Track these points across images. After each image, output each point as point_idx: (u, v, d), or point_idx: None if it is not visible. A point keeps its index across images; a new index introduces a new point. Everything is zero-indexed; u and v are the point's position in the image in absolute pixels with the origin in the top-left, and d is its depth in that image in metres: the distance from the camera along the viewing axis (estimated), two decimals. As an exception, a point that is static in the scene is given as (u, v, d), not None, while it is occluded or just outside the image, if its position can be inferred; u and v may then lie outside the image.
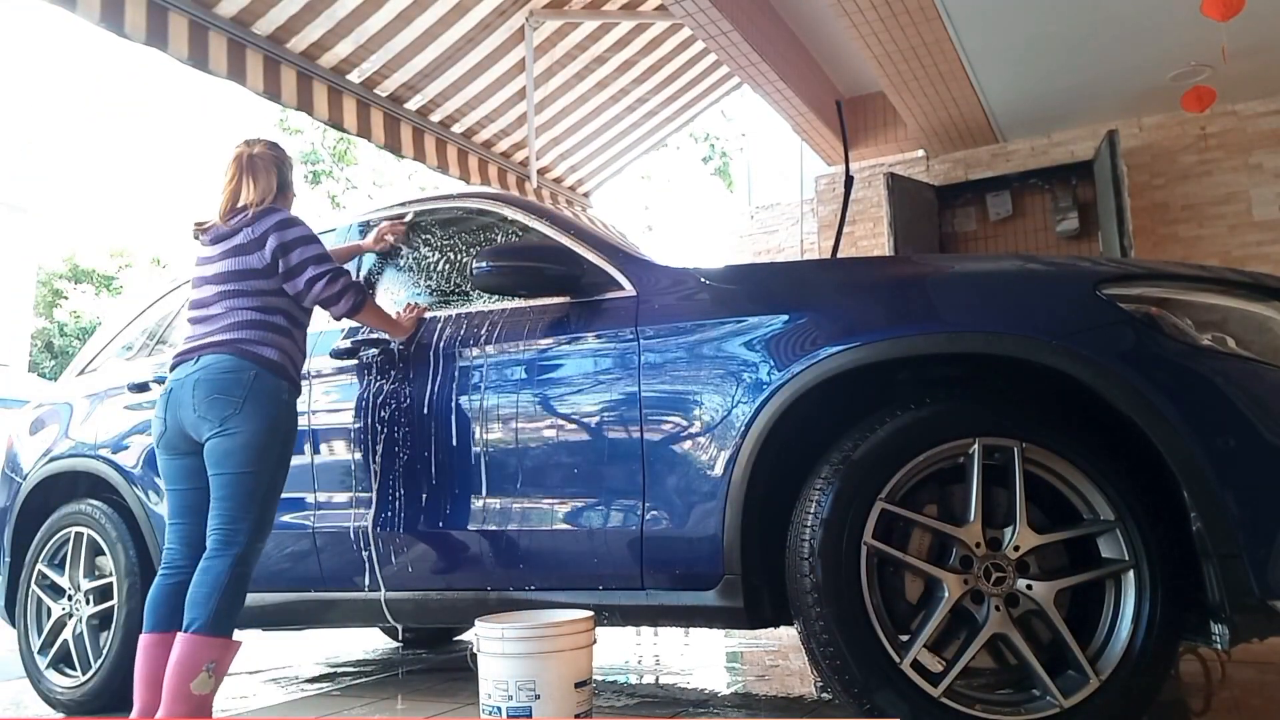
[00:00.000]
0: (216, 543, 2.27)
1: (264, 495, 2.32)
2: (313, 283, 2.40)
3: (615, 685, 2.95)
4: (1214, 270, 2.00)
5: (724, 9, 5.29)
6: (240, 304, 2.38)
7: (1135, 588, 1.77)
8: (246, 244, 2.40)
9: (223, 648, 2.23)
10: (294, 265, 2.39)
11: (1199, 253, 6.53)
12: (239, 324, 2.36)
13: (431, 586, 2.47)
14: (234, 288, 2.40)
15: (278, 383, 2.36)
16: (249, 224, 2.41)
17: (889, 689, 1.76)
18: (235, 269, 2.40)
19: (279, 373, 2.37)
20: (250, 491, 2.29)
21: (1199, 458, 1.70)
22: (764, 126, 8.81)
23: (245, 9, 5.00)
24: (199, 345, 2.37)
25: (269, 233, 2.39)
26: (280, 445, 2.37)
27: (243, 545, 2.26)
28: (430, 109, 6.54)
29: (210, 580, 2.23)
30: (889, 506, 1.85)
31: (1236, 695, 2.53)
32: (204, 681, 2.17)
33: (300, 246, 2.40)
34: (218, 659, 2.21)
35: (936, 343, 1.90)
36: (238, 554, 2.25)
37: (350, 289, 2.45)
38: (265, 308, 2.40)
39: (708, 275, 2.26)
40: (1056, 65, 5.93)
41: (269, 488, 2.34)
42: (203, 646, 2.18)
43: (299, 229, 2.42)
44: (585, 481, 2.23)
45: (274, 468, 2.35)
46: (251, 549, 2.30)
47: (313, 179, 16.78)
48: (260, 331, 2.37)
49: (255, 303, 2.39)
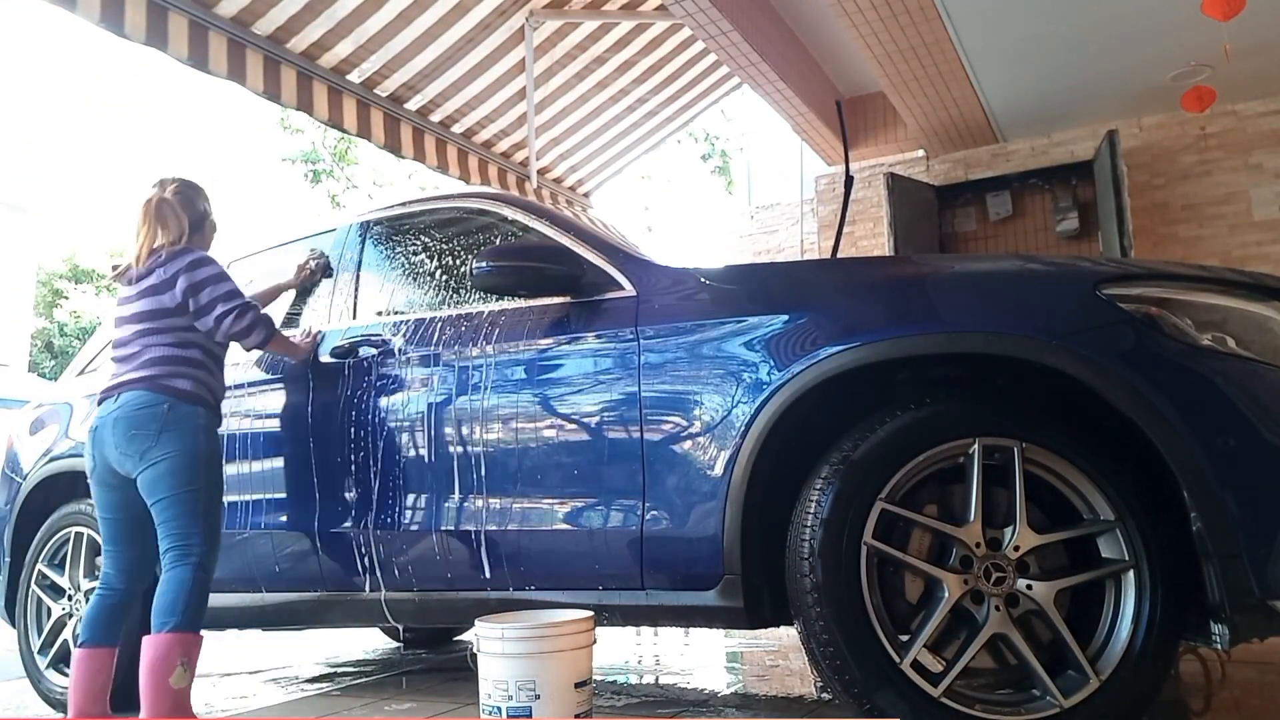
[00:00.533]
0: (174, 556, 2.41)
1: (205, 507, 2.46)
2: (221, 319, 2.54)
3: (615, 685, 2.95)
4: (1214, 270, 2.00)
5: (724, 9, 5.29)
6: (156, 341, 2.53)
7: (1135, 588, 1.77)
8: (159, 284, 2.54)
9: (193, 643, 2.39)
10: (204, 304, 2.53)
11: (1199, 253, 6.53)
12: (155, 360, 2.51)
13: (431, 586, 2.47)
14: (150, 326, 2.55)
15: (194, 410, 2.50)
16: (162, 265, 2.55)
17: (889, 689, 1.76)
18: (150, 309, 2.55)
19: (194, 401, 2.51)
20: (191, 507, 2.43)
21: (1199, 458, 1.70)
22: (764, 126, 8.81)
23: (245, 9, 5.00)
24: (120, 383, 2.51)
25: (180, 273, 2.53)
26: (206, 466, 2.50)
27: (199, 553, 2.42)
28: (430, 109, 6.54)
29: (176, 586, 2.37)
30: (889, 506, 1.85)
31: (1236, 695, 2.53)
32: (181, 675, 2.33)
33: (210, 285, 2.54)
34: (189, 654, 2.37)
35: (936, 343, 1.90)
36: (196, 561, 2.41)
37: (259, 323, 2.59)
38: (180, 343, 2.54)
39: (708, 275, 2.26)
40: (1056, 65, 5.93)
41: (208, 501, 2.48)
42: (176, 644, 2.33)
43: (209, 268, 2.56)
44: (585, 481, 2.23)
45: (206, 486, 2.48)
46: (208, 555, 2.45)
47: (313, 179, 16.79)
48: (175, 366, 2.52)
49: (170, 339, 2.54)
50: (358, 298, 2.86)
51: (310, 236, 3.16)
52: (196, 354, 2.56)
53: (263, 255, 3.31)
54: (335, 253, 3.00)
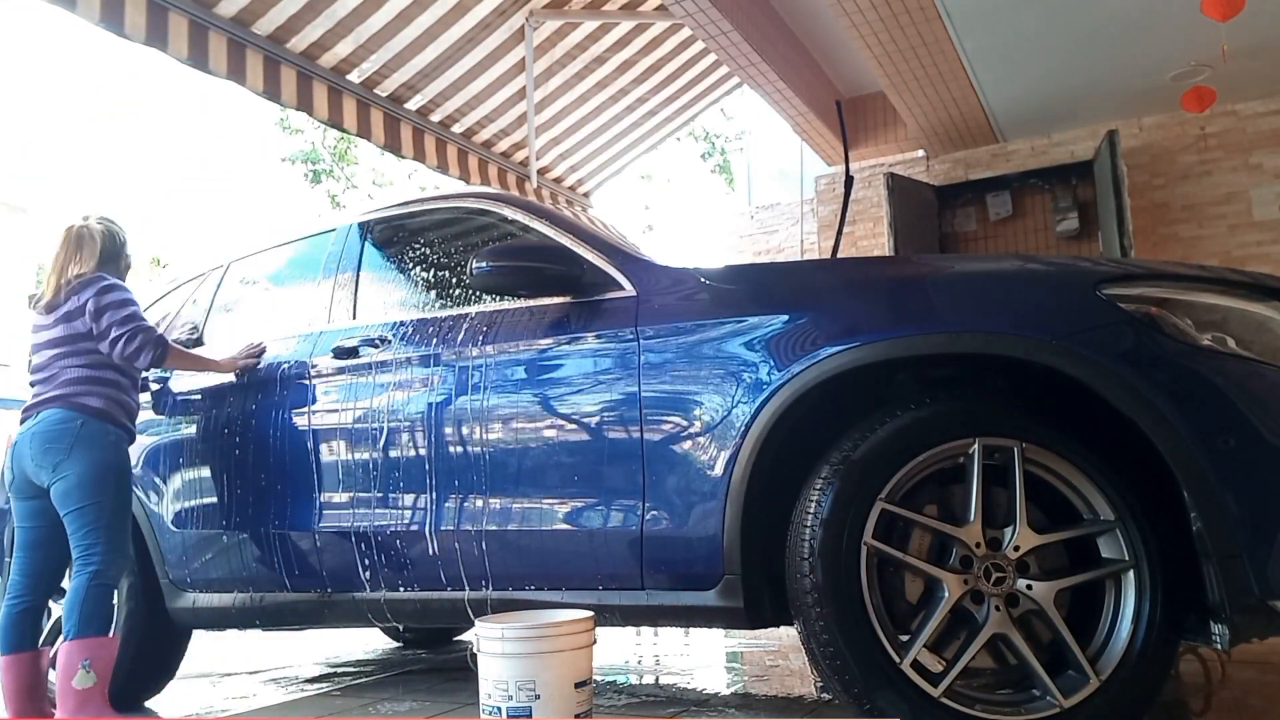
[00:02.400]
0: (79, 566, 2.60)
1: (109, 521, 2.64)
2: (115, 342, 2.70)
3: (615, 685, 2.95)
4: (1214, 270, 2.00)
5: (724, 9, 5.29)
6: (70, 363, 2.72)
7: (1135, 588, 1.77)
8: (73, 310, 2.73)
9: (96, 646, 2.56)
10: (103, 328, 2.71)
11: (1199, 253, 6.53)
12: (69, 380, 2.70)
13: (431, 586, 2.47)
14: (65, 350, 2.73)
15: (104, 426, 2.69)
16: (75, 292, 2.73)
17: (889, 689, 1.76)
18: (65, 334, 2.74)
19: (105, 418, 2.69)
20: (95, 520, 2.61)
21: (1199, 458, 1.69)
22: (764, 126, 8.81)
23: (245, 9, 5.00)
24: (38, 403, 2.70)
25: (89, 300, 2.71)
26: (114, 479, 2.68)
27: (98, 564, 2.59)
28: (430, 109, 6.54)
29: (73, 595, 2.57)
30: (889, 506, 1.84)
31: (1236, 695, 2.53)
32: (83, 677, 2.52)
33: (110, 310, 2.71)
34: (91, 656, 2.55)
35: (936, 343, 1.90)
36: (94, 570, 2.58)
37: (147, 345, 2.73)
38: (93, 364, 2.73)
39: (708, 275, 2.26)
40: (1056, 65, 5.93)
41: (112, 514, 2.65)
42: (75, 649, 2.53)
43: (114, 294, 2.74)
44: (585, 481, 2.23)
45: (113, 498, 2.67)
46: (108, 564, 2.62)
47: (313, 179, 16.77)
48: (87, 385, 2.70)
49: (83, 360, 2.72)
50: (358, 298, 2.86)
51: (310, 236, 3.16)
52: (110, 374, 2.74)
53: (263, 255, 3.30)
54: (335, 253, 2.99)
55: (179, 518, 2.98)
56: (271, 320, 3.05)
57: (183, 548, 2.95)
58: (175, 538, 2.97)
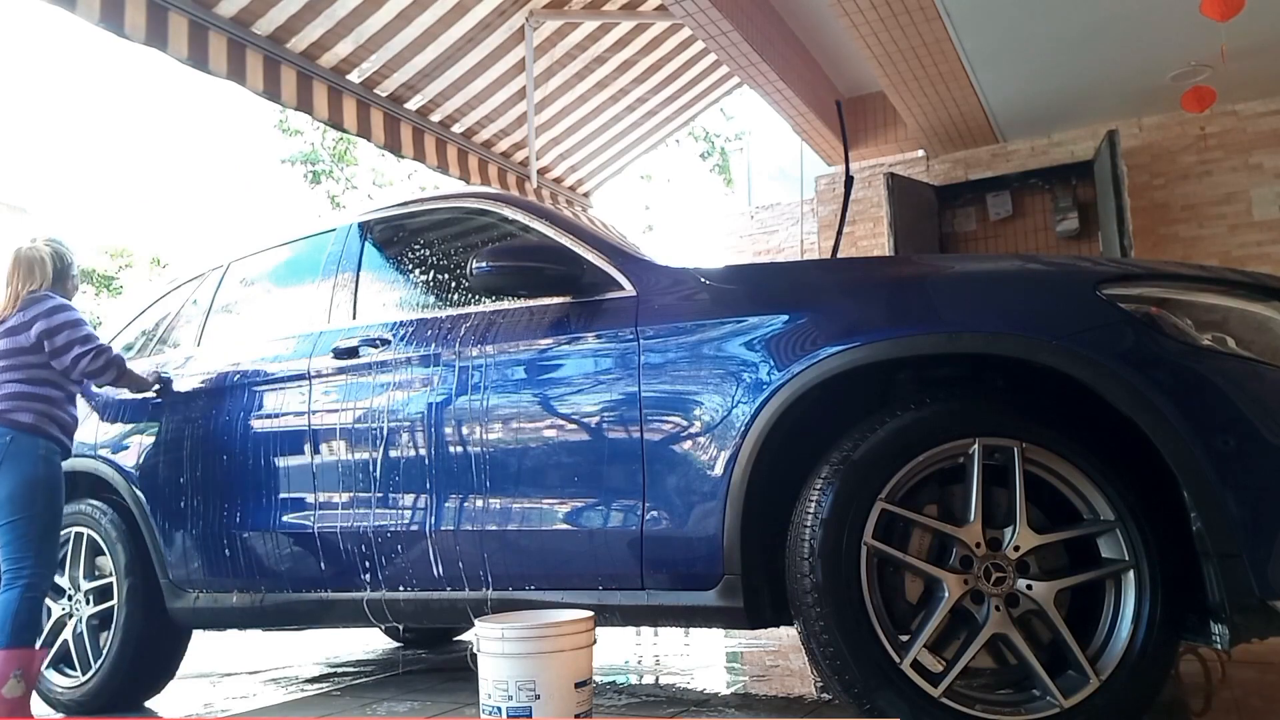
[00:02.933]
0: (8, 579, 2.69)
1: (39, 535, 2.73)
2: (79, 359, 2.84)
3: (615, 685, 2.95)
4: (1214, 270, 2.00)
5: (724, 9, 5.28)
6: (9, 377, 2.82)
7: (1135, 588, 1.77)
8: (18, 326, 2.85)
9: (24, 658, 2.68)
10: (60, 345, 2.84)
11: (1199, 253, 6.53)
12: (4, 395, 2.80)
13: (432, 586, 2.47)
14: (6, 364, 2.84)
15: (34, 441, 2.78)
16: (22, 308, 2.86)
17: (889, 689, 1.76)
18: (9, 348, 2.85)
19: (36, 433, 2.78)
20: (24, 534, 2.71)
21: (1199, 458, 1.70)
22: (764, 126, 8.81)
23: (245, 9, 5.00)
24: None
25: (38, 317, 2.83)
26: (44, 493, 2.77)
27: (28, 577, 2.69)
28: (430, 109, 6.54)
29: (5, 607, 2.65)
30: (889, 506, 1.85)
31: (1236, 695, 2.53)
32: (14, 686, 2.65)
33: (67, 330, 2.85)
34: (23, 667, 2.67)
35: (936, 343, 1.90)
36: (25, 584, 2.68)
37: (112, 363, 2.91)
38: (31, 380, 2.83)
39: (708, 275, 2.26)
40: (1056, 65, 5.93)
41: (43, 528, 2.75)
42: (7, 659, 2.64)
43: (65, 314, 2.88)
44: (585, 481, 2.23)
45: (43, 512, 2.76)
46: (37, 577, 2.72)
47: (313, 179, 16.75)
48: (21, 401, 2.80)
49: (22, 375, 2.83)
50: (358, 298, 2.86)
51: (310, 237, 3.16)
52: (45, 390, 2.84)
53: (263, 255, 3.30)
54: (335, 253, 2.99)
55: (179, 518, 2.97)
56: (271, 320, 3.05)
57: (183, 548, 2.95)
58: (176, 538, 2.97)
